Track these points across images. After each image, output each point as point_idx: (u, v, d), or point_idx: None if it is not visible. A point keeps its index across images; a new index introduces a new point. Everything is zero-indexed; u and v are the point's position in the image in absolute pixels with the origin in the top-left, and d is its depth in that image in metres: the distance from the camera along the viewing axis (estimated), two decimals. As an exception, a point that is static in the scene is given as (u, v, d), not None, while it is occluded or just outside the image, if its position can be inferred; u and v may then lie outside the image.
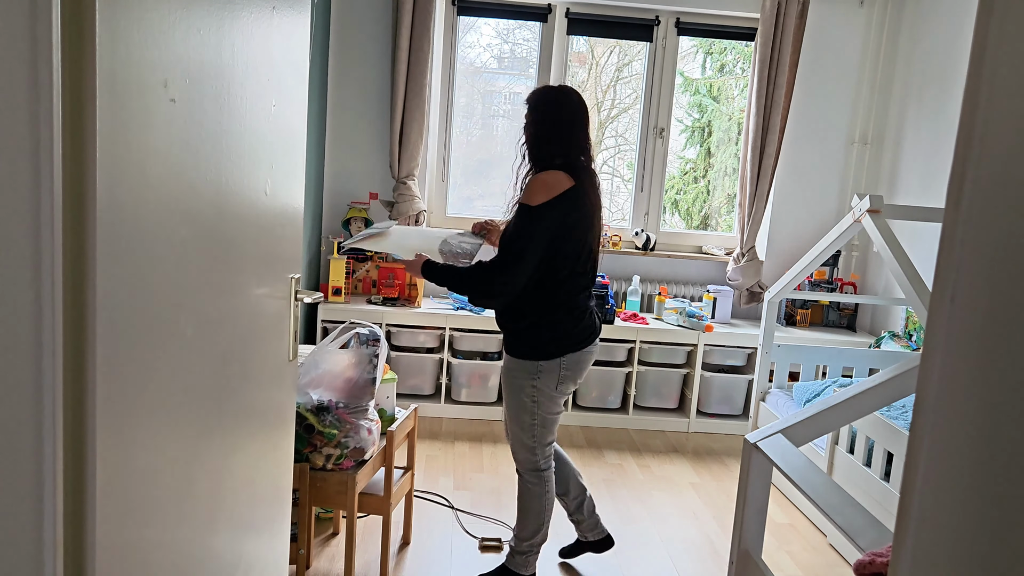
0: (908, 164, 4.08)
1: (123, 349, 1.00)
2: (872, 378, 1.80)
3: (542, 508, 2.38)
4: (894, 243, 2.69)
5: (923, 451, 0.57)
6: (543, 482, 2.37)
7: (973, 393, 0.52)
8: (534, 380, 2.24)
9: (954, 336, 0.54)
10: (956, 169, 0.55)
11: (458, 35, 4.31)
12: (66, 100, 0.88)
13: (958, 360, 0.54)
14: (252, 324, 1.43)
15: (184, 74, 1.10)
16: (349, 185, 4.24)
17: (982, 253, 0.52)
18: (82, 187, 0.91)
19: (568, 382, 2.29)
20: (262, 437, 1.54)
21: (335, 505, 2.23)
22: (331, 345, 2.30)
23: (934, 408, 0.56)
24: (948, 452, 0.55)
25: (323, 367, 2.24)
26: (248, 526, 1.50)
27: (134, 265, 1.01)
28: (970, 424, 0.52)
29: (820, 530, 3.02)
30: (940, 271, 0.56)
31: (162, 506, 1.14)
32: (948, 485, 0.54)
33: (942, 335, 0.55)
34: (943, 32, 3.87)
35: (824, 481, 1.62)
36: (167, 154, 1.07)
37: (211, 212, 1.22)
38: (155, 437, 1.11)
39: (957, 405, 0.54)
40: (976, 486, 0.52)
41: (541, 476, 2.36)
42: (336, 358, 2.26)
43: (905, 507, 0.58)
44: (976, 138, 0.52)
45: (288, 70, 1.50)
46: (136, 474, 1.06)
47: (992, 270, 0.51)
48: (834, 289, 4.29)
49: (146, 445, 1.08)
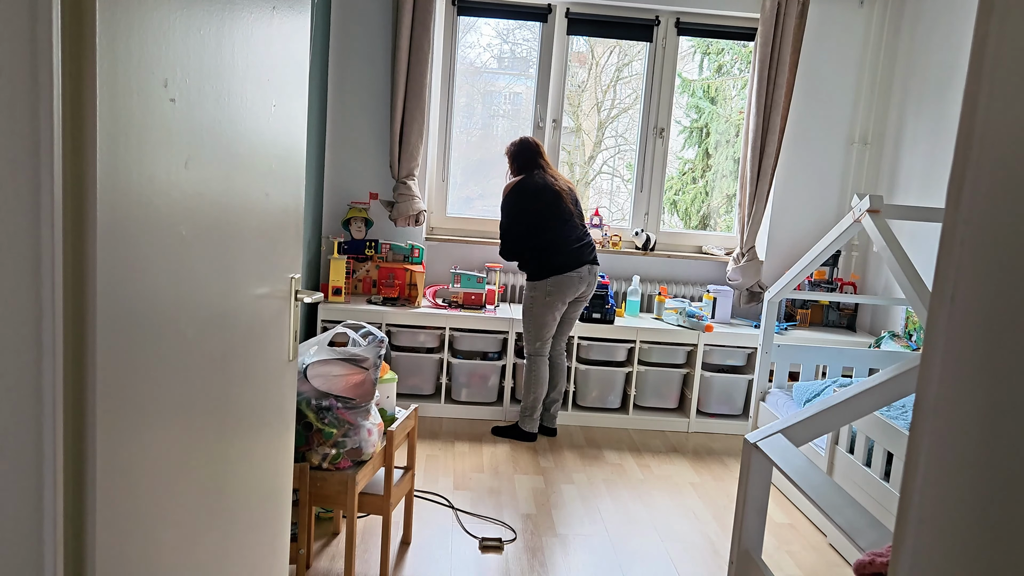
0: (908, 164, 4.08)
1: (123, 349, 1.00)
2: (872, 378, 1.80)
3: (532, 383, 3.71)
4: (894, 243, 2.69)
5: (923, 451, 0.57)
6: (534, 365, 3.70)
7: (973, 393, 0.52)
8: (532, 292, 3.64)
9: (954, 336, 0.54)
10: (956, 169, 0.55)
11: (458, 35, 4.31)
12: (66, 99, 0.88)
13: (958, 360, 0.54)
14: (252, 324, 1.43)
15: (184, 74, 1.10)
16: (349, 185, 4.24)
17: (982, 253, 0.52)
18: (82, 187, 0.91)
19: (555, 296, 3.60)
20: (262, 437, 1.54)
21: (335, 505, 2.23)
22: (321, 350, 2.30)
23: (934, 408, 0.56)
24: (948, 452, 0.55)
25: (331, 363, 2.24)
26: (248, 525, 1.50)
27: (134, 265, 1.01)
28: (970, 424, 0.52)
29: (820, 530, 3.02)
30: (940, 271, 0.56)
31: (162, 506, 1.14)
32: (948, 485, 0.54)
33: (942, 335, 0.55)
34: (943, 31, 3.87)
35: (824, 481, 1.62)
36: (167, 153, 1.07)
37: (211, 212, 1.22)
38: (155, 437, 1.11)
39: (957, 405, 0.54)
40: (976, 486, 0.52)
41: (532, 360, 3.70)
42: (342, 361, 2.26)
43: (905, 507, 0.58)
44: (976, 137, 0.52)
45: (288, 70, 1.50)
46: (136, 474, 1.06)
47: (992, 270, 0.51)
48: (834, 289, 4.29)
49: (146, 445, 1.08)
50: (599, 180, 4.80)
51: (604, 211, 4.50)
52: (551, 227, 3.58)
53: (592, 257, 3.65)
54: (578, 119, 4.64)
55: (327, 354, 2.26)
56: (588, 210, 4.48)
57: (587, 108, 4.67)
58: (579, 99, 4.63)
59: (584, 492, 3.22)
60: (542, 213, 3.58)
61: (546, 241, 3.57)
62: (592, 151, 4.73)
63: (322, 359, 2.23)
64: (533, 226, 3.58)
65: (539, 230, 3.57)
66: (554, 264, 3.56)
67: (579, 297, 3.68)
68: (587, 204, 4.66)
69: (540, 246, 3.57)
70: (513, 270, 4.33)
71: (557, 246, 3.57)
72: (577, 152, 4.69)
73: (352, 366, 2.25)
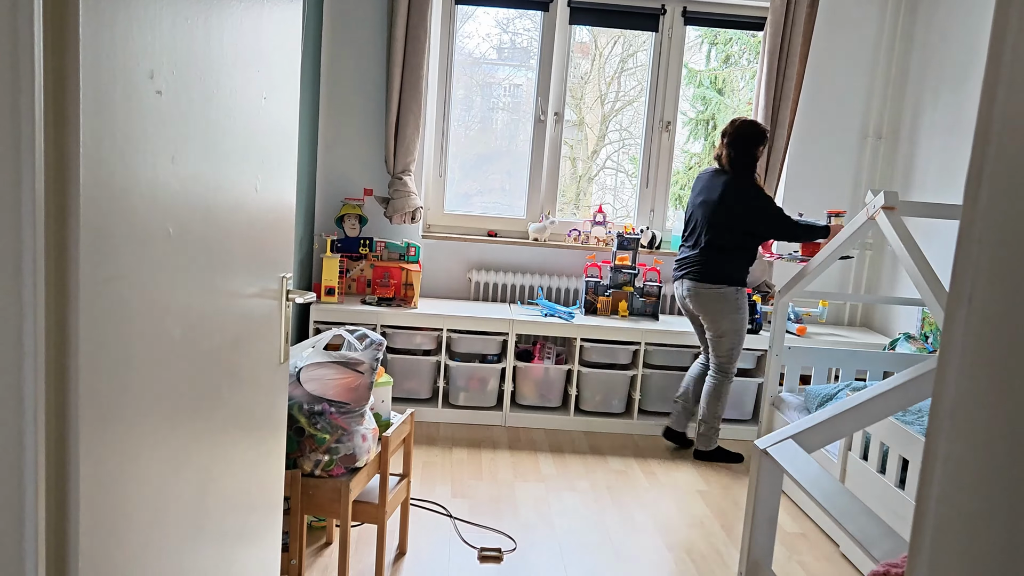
0: (924, 159, 4.08)
1: (108, 352, 1.00)
2: (887, 381, 1.80)
3: (725, 402, 3.70)
4: (909, 241, 2.69)
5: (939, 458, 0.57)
6: (730, 383, 3.68)
7: (992, 397, 0.52)
8: (740, 299, 3.58)
9: (972, 338, 0.54)
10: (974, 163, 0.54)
11: (456, 24, 4.31)
12: (48, 91, 0.88)
13: (976, 363, 0.54)
14: (241, 325, 1.43)
15: (171, 65, 1.10)
16: (343, 181, 4.24)
17: (1001, 252, 0.52)
18: (65, 182, 0.91)
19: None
20: (252, 443, 1.54)
21: (328, 514, 2.23)
22: (315, 353, 2.30)
23: (951, 413, 0.56)
24: (966, 459, 0.54)
25: (325, 365, 2.24)
26: (238, 535, 1.50)
27: (119, 264, 1.01)
28: (989, 429, 0.52)
29: (832, 540, 3.02)
30: (957, 270, 0.56)
31: (148, 514, 1.14)
32: (966, 493, 0.54)
33: (959, 337, 0.55)
34: (961, 20, 3.87)
35: (837, 489, 1.62)
36: (153, 148, 1.07)
37: (199, 209, 1.22)
38: (141, 442, 1.11)
39: (975, 409, 0.54)
40: (996, 494, 0.52)
41: (731, 377, 3.67)
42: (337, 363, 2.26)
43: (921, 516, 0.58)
44: (995, 131, 0.52)
45: (279, 61, 1.50)
46: (121, 481, 1.06)
47: (1012, 269, 0.51)
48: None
49: (132, 451, 1.08)
50: (603, 176, 4.81)
51: (608, 208, 4.50)
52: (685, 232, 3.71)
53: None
54: (581, 112, 4.64)
55: (321, 357, 2.26)
56: (592, 206, 4.48)
57: (590, 101, 4.67)
58: (582, 91, 4.63)
59: (587, 500, 3.22)
60: (689, 213, 3.70)
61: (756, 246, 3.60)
62: (595, 145, 4.74)
63: (315, 362, 2.23)
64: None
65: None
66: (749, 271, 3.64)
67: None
68: (590, 200, 4.67)
69: (754, 249, 3.58)
70: (512, 270, 4.33)
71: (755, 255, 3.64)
72: (580, 147, 4.69)
73: (347, 369, 2.25)
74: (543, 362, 4.05)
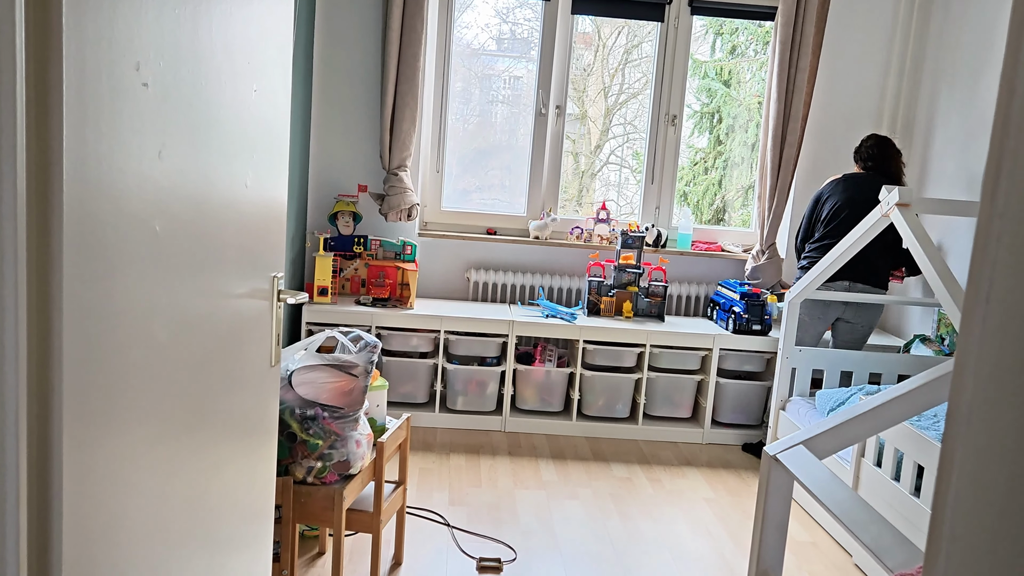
0: (940, 154, 4.08)
1: (92, 354, 1.00)
2: (901, 385, 1.80)
3: None
4: (925, 239, 2.69)
5: (956, 464, 0.57)
6: None
7: (1010, 401, 0.52)
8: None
9: (990, 340, 0.54)
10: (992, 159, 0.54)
11: (454, 14, 4.31)
12: (30, 84, 0.88)
13: (994, 365, 0.54)
14: (231, 327, 1.43)
15: (158, 56, 1.10)
16: (336, 177, 4.24)
17: (1021, 250, 0.52)
18: (47, 179, 0.91)
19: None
20: (242, 448, 1.54)
21: (321, 522, 2.23)
22: (307, 356, 2.30)
23: (968, 417, 0.56)
24: (984, 465, 0.54)
25: (317, 368, 2.24)
26: (227, 544, 1.50)
27: (104, 263, 1.01)
28: (1007, 435, 0.52)
29: (845, 549, 3.03)
30: (975, 270, 0.56)
31: (134, 523, 1.14)
32: (984, 501, 0.54)
33: (977, 338, 0.55)
34: (978, 9, 3.87)
35: (849, 496, 1.62)
36: (139, 142, 1.07)
37: (187, 206, 1.22)
38: (126, 449, 1.11)
39: (993, 414, 0.54)
40: (1014, 501, 0.52)
41: None
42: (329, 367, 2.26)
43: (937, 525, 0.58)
44: (1014, 125, 0.52)
45: (271, 52, 1.50)
46: (106, 489, 1.06)
47: (1031, 268, 0.51)
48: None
49: (117, 457, 1.08)
50: (606, 171, 4.81)
51: (611, 204, 4.51)
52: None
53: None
54: (583, 105, 4.64)
55: (313, 359, 2.26)
56: (595, 203, 4.48)
57: (593, 93, 4.68)
58: (584, 84, 4.63)
59: (590, 508, 3.23)
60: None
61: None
62: (599, 140, 4.74)
63: (308, 365, 2.24)
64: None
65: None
66: None
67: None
68: (593, 197, 4.67)
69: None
70: (512, 270, 4.33)
71: None
72: (583, 141, 4.69)
73: (340, 372, 2.25)
74: (544, 365, 4.05)
